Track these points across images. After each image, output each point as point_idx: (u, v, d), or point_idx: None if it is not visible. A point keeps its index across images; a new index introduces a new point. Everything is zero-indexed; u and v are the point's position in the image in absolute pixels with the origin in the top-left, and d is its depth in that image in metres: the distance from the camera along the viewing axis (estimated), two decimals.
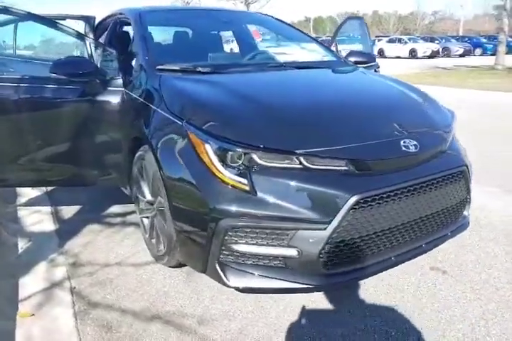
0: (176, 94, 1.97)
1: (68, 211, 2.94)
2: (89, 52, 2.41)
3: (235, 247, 1.60)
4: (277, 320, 1.74)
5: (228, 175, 1.59)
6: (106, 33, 3.12)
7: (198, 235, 1.68)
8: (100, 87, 2.33)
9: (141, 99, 2.12)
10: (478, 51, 25.86)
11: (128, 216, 2.83)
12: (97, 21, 3.26)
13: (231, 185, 1.58)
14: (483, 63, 16.52)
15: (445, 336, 1.65)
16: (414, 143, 1.75)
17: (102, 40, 3.08)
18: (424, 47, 23.81)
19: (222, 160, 1.60)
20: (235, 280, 1.63)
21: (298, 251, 1.57)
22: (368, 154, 1.65)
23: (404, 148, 1.72)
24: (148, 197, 2.17)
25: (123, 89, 2.34)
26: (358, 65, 2.78)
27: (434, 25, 61.58)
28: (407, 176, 1.69)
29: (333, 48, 3.14)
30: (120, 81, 2.36)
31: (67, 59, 2.29)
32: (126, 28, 3.00)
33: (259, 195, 1.56)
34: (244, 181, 1.58)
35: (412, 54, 23.77)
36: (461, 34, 42.18)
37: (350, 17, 3.58)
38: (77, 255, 2.32)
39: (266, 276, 1.62)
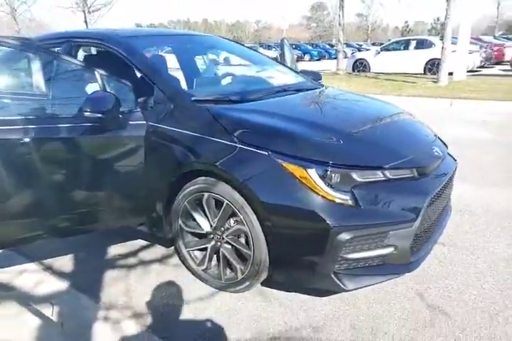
0: (245, 125, 2.02)
1: (63, 263, 2.58)
2: (101, 84, 2.21)
3: (348, 256, 1.82)
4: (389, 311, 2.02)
5: (334, 194, 1.79)
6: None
7: (309, 253, 1.83)
8: (122, 122, 2.19)
9: (190, 133, 2.09)
10: (306, 57, 29.72)
11: (139, 254, 2.66)
12: None
13: (338, 203, 1.79)
14: (321, 68, 19.10)
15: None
16: (438, 149, 2.24)
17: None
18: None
19: (327, 182, 1.80)
20: (351, 284, 1.85)
21: (394, 248, 1.88)
22: (422, 162, 2.05)
23: (436, 154, 2.19)
24: (207, 228, 2.17)
25: (145, 122, 2.24)
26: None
27: (260, 33, 67.96)
28: (443, 175, 2.17)
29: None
30: (140, 114, 2.25)
31: (97, 94, 2.08)
32: (99, 54, 2.76)
33: (363, 207, 1.81)
34: (347, 197, 1.80)
35: None
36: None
37: (282, 39, 4.01)
38: (129, 306, 2.14)
39: (370, 275, 1.89)
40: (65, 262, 2.60)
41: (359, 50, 23.77)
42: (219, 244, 2.15)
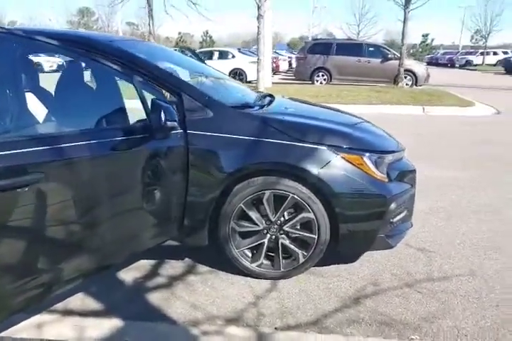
0: (295, 126, 2.33)
1: (82, 303, 2.20)
2: (141, 93, 2.01)
3: (394, 220, 2.38)
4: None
5: (380, 174, 2.30)
6: None
7: (372, 223, 2.29)
8: (162, 132, 2.09)
9: (242, 137, 2.21)
10: None
11: (158, 272, 2.51)
12: None
13: (382, 180, 2.31)
14: None
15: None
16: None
17: None
18: (48, 61, 23.37)
19: (375, 165, 2.29)
20: (394, 242, 2.42)
21: (407, 210, 2.54)
22: (402, 147, 2.73)
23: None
24: (263, 224, 2.33)
25: (182, 131, 2.19)
26: None
27: None
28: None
29: None
30: (175, 122, 2.18)
31: (163, 103, 1.93)
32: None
33: (393, 181, 2.39)
34: (385, 175, 2.35)
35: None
36: None
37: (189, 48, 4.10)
38: (211, 316, 2.10)
39: (399, 233, 2.50)
40: (83, 302, 2.21)
41: None
42: (274, 237, 2.35)
